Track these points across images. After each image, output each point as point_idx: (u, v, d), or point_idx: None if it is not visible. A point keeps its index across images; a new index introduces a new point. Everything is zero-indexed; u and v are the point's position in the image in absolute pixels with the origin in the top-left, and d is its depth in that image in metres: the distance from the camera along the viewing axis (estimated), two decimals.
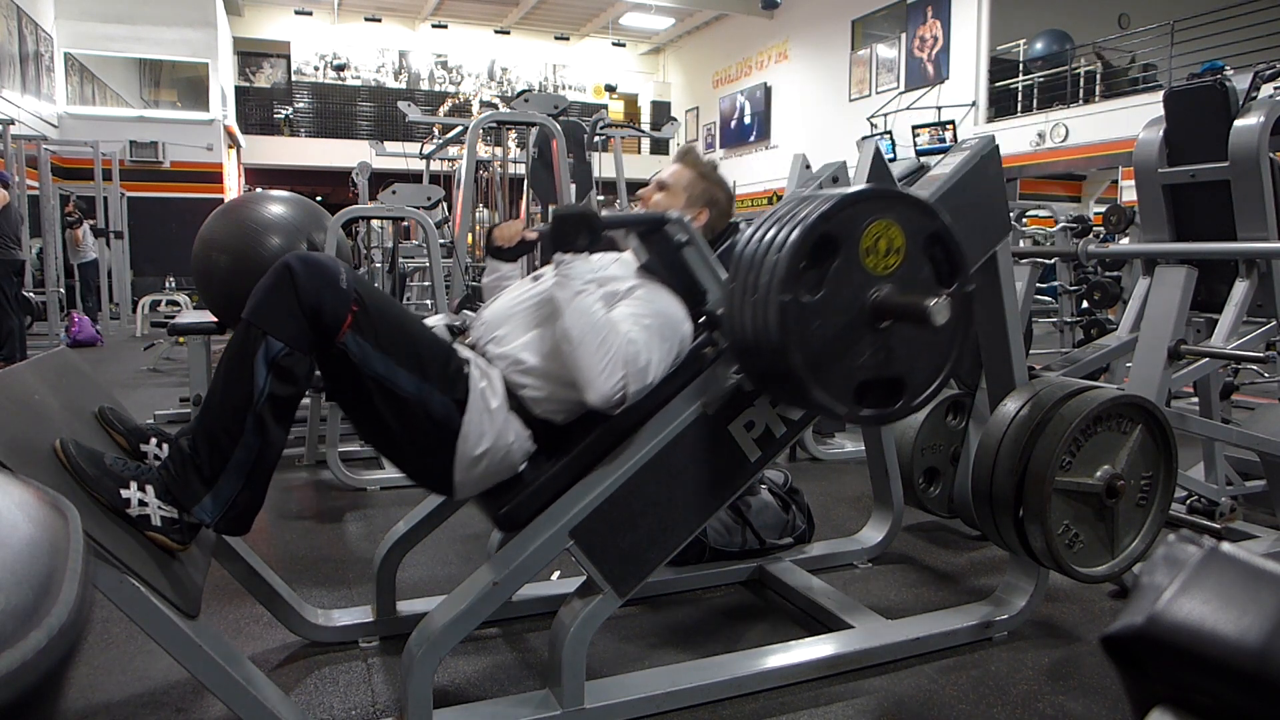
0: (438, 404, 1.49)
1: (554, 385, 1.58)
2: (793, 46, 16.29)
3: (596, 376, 1.49)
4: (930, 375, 1.53)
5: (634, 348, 1.52)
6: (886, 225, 1.44)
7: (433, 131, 8.29)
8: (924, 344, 1.50)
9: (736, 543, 2.40)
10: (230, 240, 3.04)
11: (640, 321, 1.57)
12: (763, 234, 1.47)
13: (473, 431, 1.51)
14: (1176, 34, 9.91)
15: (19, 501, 0.41)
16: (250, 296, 1.43)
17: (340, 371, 1.46)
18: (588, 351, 1.49)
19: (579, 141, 5.27)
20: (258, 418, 1.40)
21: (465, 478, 1.54)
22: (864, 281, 1.44)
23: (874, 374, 1.47)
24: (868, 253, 1.44)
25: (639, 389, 1.53)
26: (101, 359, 7.41)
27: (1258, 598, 0.40)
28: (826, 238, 1.41)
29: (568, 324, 1.51)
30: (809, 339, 1.41)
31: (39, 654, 0.35)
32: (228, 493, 1.41)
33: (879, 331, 1.46)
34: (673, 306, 1.65)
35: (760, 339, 1.43)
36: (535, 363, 1.59)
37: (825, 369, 1.43)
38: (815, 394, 1.42)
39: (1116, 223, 3.94)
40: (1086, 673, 1.83)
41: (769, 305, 1.39)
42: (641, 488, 1.57)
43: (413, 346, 1.50)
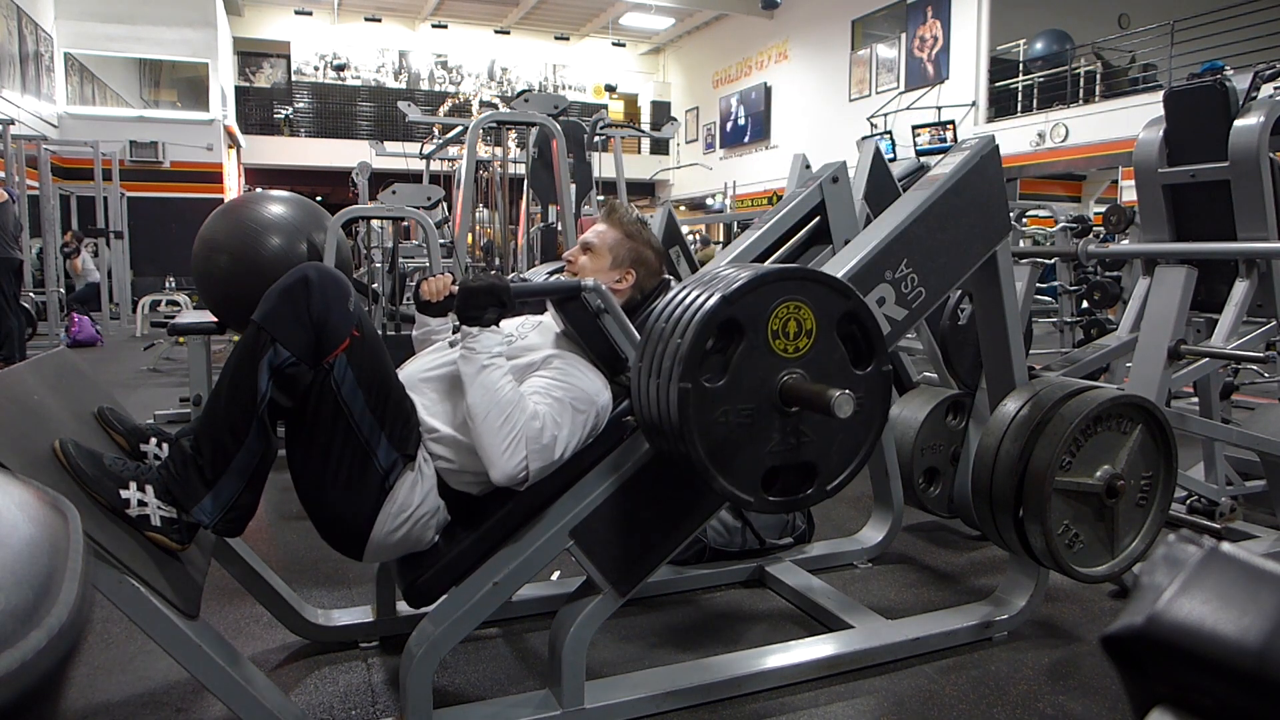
0: (384, 455, 1.47)
1: (467, 457, 1.55)
2: (793, 46, 16.29)
3: (499, 455, 1.46)
4: (844, 460, 1.47)
5: (537, 424, 1.48)
6: (796, 306, 1.39)
7: (433, 131, 8.30)
8: (837, 428, 1.43)
9: (736, 543, 2.40)
10: (230, 240, 3.04)
11: (551, 394, 1.54)
12: (674, 309, 1.41)
13: (403, 495, 1.50)
14: (1176, 34, 9.91)
15: (19, 501, 0.41)
16: (263, 299, 1.44)
17: (312, 391, 1.45)
18: (490, 429, 1.46)
19: (579, 141, 5.27)
20: (260, 422, 1.41)
21: (381, 540, 1.51)
22: (772, 365, 1.38)
23: (783, 460, 1.42)
24: (776, 335, 1.38)
25: (541, 467, 1.50)
26: (101, 359, 7.41)
27: (1258, 598, 0.40)
28: (731, 322, 1.35)
29: (471, 400, 1.49)
30: (712, 426, 1.35)
31: (39, 654, 0.35)
32: (228, 494, 1.41)
33: (788, 416, 1.40)
34: (588, 378, 1.61)
35: (663, 422, 1.38)
36: (448, 433, 1.57)
37: (729, 457, 1.37)
38: (718, 483, 1.37)
39: (1116, 223, 3.93)
40: (1086, 673, 1.83)
41: (670, 390, 1.34)
42: (642, 488, 1.57)
43: (386, 393, 1.49)
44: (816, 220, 2.06)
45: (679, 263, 3.85)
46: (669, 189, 18.13)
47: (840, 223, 2.03)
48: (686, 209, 18.61)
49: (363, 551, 1.54)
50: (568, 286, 1.63)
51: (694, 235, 14.12)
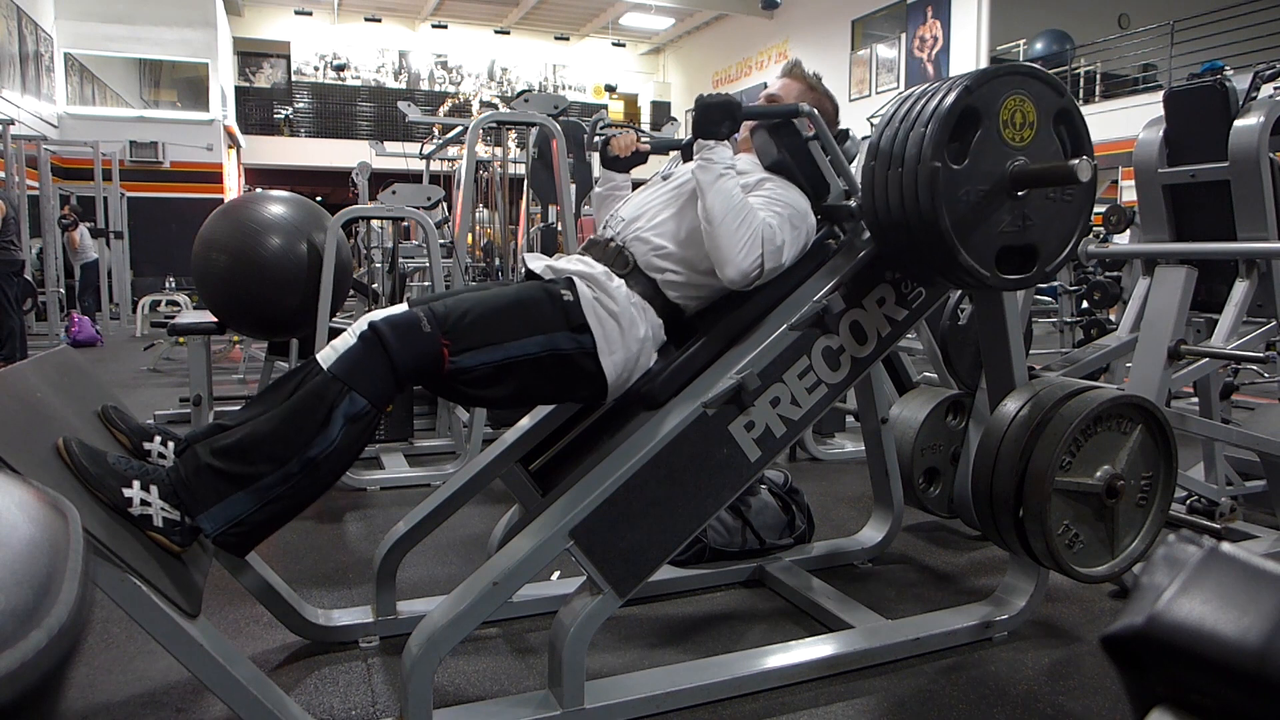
0: (565, 342, 1.59)
1: (691, 271, 1.70)
2: (793, 46, 16.28)
3: (736, 253, 1.59)
4: (1061, 243, 1.65)
5: (770, 229, 1.63)
6: (1021, 100, 1.56)
7: (433, 131, 8.29)
8: (1056, 214, 1.63)
9: (736, 543, 2.40)
10: (230, 240, 3.04)
11: (772, 208, 1.69)
12: (902, 114, 1.58)
13: (605, 344, 1.61)
14: (1176, 34, 9.91)
15: (19, 501, 0.41)
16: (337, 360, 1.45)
17: (467, 385, 1.54)
18: (728, 229, 1.59)
19: (579, 141, 5.26)
20: (312, 463, 1.41)
21: (615, 382, 1.64)
22: (1003, 152, 1.56)
23: (1012, 240, 1.60)
24: (1005, 125, 1.55)
25: (774, 267, 1.64)
26: (101, 359, 7.41)
27: (1258, 598, 0.40)
28: (970, 110, 1.51)
29: (710, 203, 1.61)
30: (956, 204, 1.52)
31: (39, 654, 0.35)
32: (241, 509, 1.40)
33: (1017, 200, 1.58)
34: (799, 198, 1.75)
35: (907, 209, 1.54)
36: (674, 248, 1.70)
37: (970, 234, 1.54)
38: (962, 257, 1.53)
39: (1116, 223, 3.93)
40: (1086, 673, 1.83)
41: (919, 174, 1.50)
42: (642, 488, 1.57)
43: (511, 317, 1.57)
44: None
45: None
46: None
47: None
48: None
49: (608, 396, 1.68)
50: (788, 108, 1.80)
51: None
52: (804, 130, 1.79)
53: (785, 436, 1.70)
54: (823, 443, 3.95)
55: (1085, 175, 1.48)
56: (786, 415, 1.69)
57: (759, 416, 1.66)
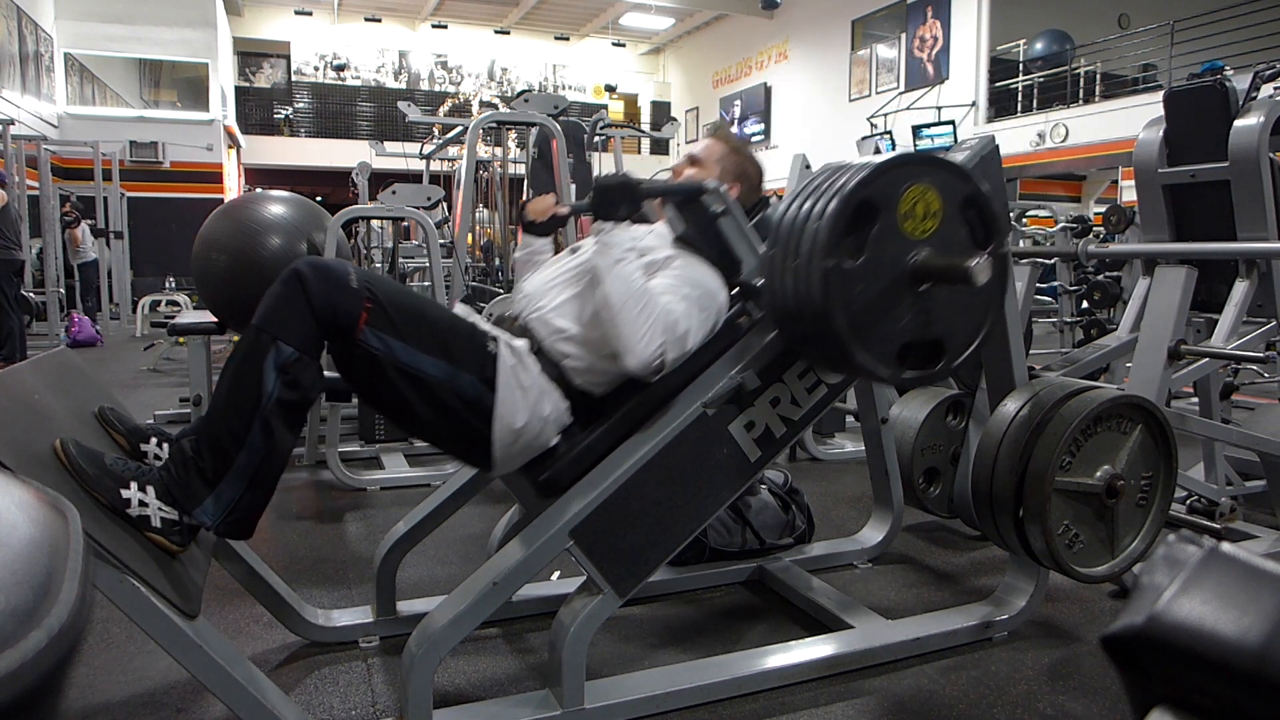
0: (467, 385, 1.51)
1: (595, 355, 1.61)
2: (793, 46, 16.29)
3: (636, 343, 1.52)
4: (969, 337, 1.58)
5: (672, 315, 1.56)
6: (924, 190, 1.48)
7: (433, 131, 8.29)
8: (962, 306, 1.55)
9: (736, 543, 2.40)
10: (230, 240, 3.04)
11: (678, 290, 1.61)
12: (802, 202, 1.50)
13: (507, 410, 1.53)
14: (1176, 34, 9.91)
15: (19, 501, 0.41)
16: (260, 303, 1.44)
17: (362, 367, 1.48)
18: (628, 318, 1.53)
19: (579, 141, 5.26)
20: (264, 422, 1.40)
21: (504, 454, 1.56)
22: (903, 245, 1.48)
23: (915, 336, 1.52)
24: (906, 217, 1.48)
25: (677, 356, 1.58)
26: (101, 359, 7.41)
27: (1258, 598, 0.40)
28: (866, 204, 1.45)
29: (608, 290, 1.54)
30: (851, 303, 1.45)
31: (39, 654, 0.35)
32: (229, 496, 1.41)
33: (919, 294, 1.50)
34: (709, 277, 1.68)
35: (803, 304, 1.47)
36: (577, 331, 1.63)
37: (867, 332, 1.48)
38: (858, 356, 1.47)
39: (1116, 223, 3.94)
40: (1086, 673, 1.83)
41: (811, 272, 1.43)
42: (642, 488, 1.57)
43: (435, 331, 1.52)
44: None
45: None
46: None
47: None
48: None
49: (493, 467, 1.60)
50: (692, 187, 1.70)
51: None
52: (713, 205, 1.68)
53: (785, 437, 1.70)
54: (823, 443, 3.95)
55: (982, 277, 1.38)
56: (786, 415, 1.69)
57: (759, 416, 1.66)
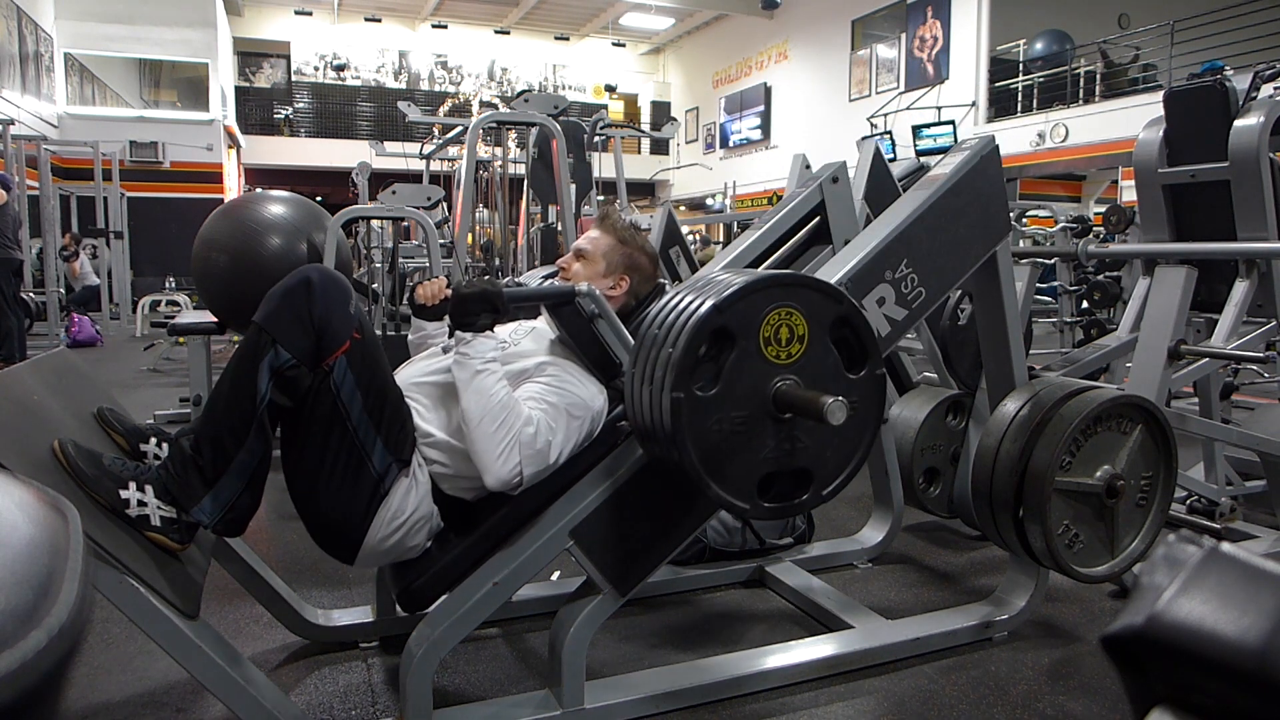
0: (379, 459, 1.47)
1: (461, 462, 1.55)
2: (793, 46, 16.29)
3: (494, 460, 1.46)
4: (840, 465, 1.47)
5: (531, 429, 1.48)
6: (788, 312, 1.39)
7: (433, 131, 8.30)
8: (832, 433, 1.43)
9: (736, 543, 2.40)
10: (230, 240, 3.04)
11: (546, 400, 1.54)
12: (666, 316, 1.42)
13: (397, 500, 1.50)
14: (1176, 34, 9.91)
15: (19, 501, 0.41)
16: (265, 300, 1.44)
17: (311, 392, 1.45)
18: (484, 434, 1.46)
19: (579, 141, 5.27)
20: (260, 423, 1.41)
21: (374, 546, 1.51)
22: (765, 372, 1.38)
23: (779, 466, 1.42)
24: (768, 342, 1.38)
25: (535, 472, 1.50)
26: (101, 359, 7.41)
27: (1258, 598, 0.40)
28: (722, 330, 1.35)
29: (465, 405, 1.48)
30: (705, 434, 1.35)
31: (39, 654, 0.35)
32: (228, 494, 1.41)
33: (782, 423, 1.40)
34: (583, 384, 1.60)
35: (656, 430, 1.38)
36: (442, 438, 1.57)
37: (724, 464, 1.37)
38: (712, 490, 1.37)
39: (1116, 223, 3.94)
40: (1086, 673, 1.83)
41: (663, 399, 1.34)
42: (642, 488, 1.57)
43: (384, 397, 1.49)
44: (816, 220, 2.06)
45: (679, 263, 3.85)
46: (669, 189, 18.13)
47: (840, 223, 2.03)
48: (686, 209, 18.61)
49: (355, 556, 1.53)
50: (561, 292, 1.62)
51: (694, 235, 14.12)
52: (588, 307, 1.61)
53: None
54: None
55: (837, 418, 1.29)
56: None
57: None
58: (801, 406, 1.36)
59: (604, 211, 1.86)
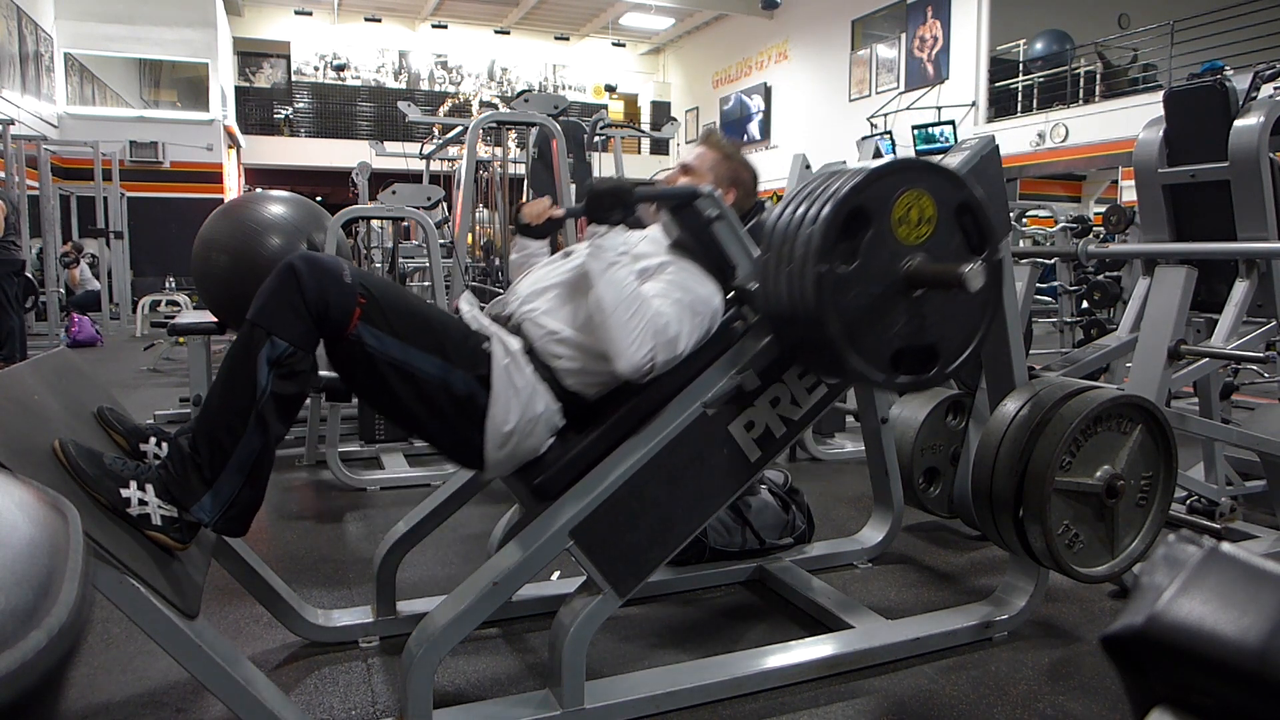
0: (459, 382, 1.52)
1: (587, 358, 1.61)
2: (793, 46, 16.28)
3: (627, 347, 1.53)
4: (963, 342, 1.57)
5: (663, 319, 1.56)
6: (918, 195, 1.48)
7: (433, 131, 8.29)
8: (957, 312, 1.54)
9: (736, 543, 2.40)
10: (230, 240, 3.04)
11: (670, 295, 1.62)
12: (795, 208, 1.51)
13: (499, 409, 1.53)
14: (1176, 34, 9.91)
15: (19, 501, 0.41)
16: (254, 298, 1.44)
17: (356, 363, 1.48)
18: (619, 322, 1.53)
19: (579, 141, 5.26)
20: (260, 417, 1.41)
21: (496, 455, 1.56)
22: (897, 251, 1.48)
23: (908, 342, 1.51)
24: (900, 223, 1.47)
25: (667, 359, 1.57)
26: (101, 359, 7.41)
27: (1258, 598, 0.40)
28: (859, 210, 1.44)
29: (600, 294, 1.55)
30: (844, 308, 1.45)
31: (39, 654, 0.35)
32: (228, 492, 1.41)
33: (913, 300, 1.50)
34: (703, 282, 1.68)
35: (796, 309, 1.47)
36: (569, 334, 1.63)
37: (861, 337, 1.47)
38: (851, 361, 1.46)
39: (1116, 223, 3.94)
40: (1086, 673, 1.83)
41: (805, 277, 1.43)
42: (642, 488, 1.57)
43: (428, 329, 1.52)
44: None
45: None
46: None
47: None
48: None
49: (484, 467, 1.60)
50: (685, 193, 1.69)
51: None
52: (708, 210, 1.68)
53: (785, 437, 1.70)
54: (823, 443, 3.95)
55: (975, 284, 1.38)
56: (786, 415, 1.69)
57: (759, 417, 1.66)
58: (937, 278, 1.46)
59: (708, 130, 1.96)
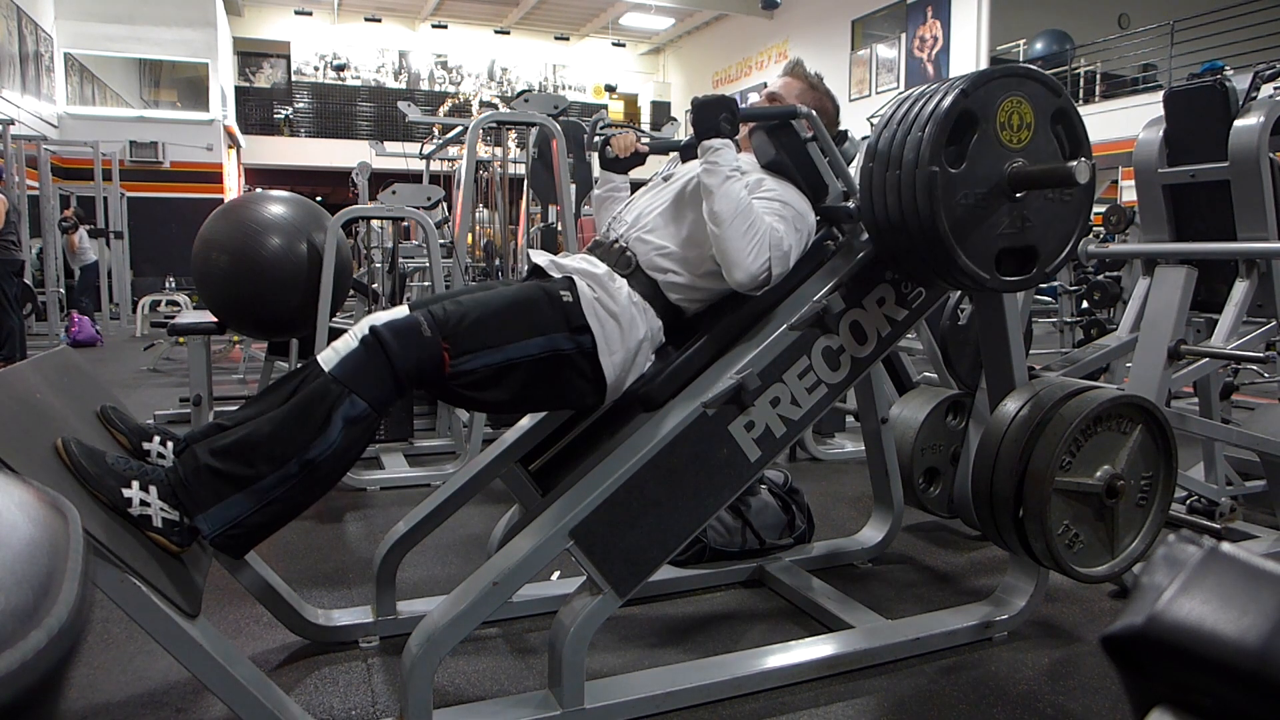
0: (564, 342, 1.58)
1: (693, 273, 1.69)
2: (793, 46, 16.28)
3: (745, 257, 1.58)
4: (1061, 243, 1.66)
5: (777, 233, 1.63)
6: (1018, 102, 1.56)
7: (433, 131, 8.29)
8: (1055, 214, 1.63)
9: (736, 543, 2.40)
10: (230, 240, 3.04)
11: (774, 211, 1.68)
12: (900, 116, 1.58)
13: (605, 345, 1.61)
14: (1176, 34, 9.91)
15: (19, 501, 0.41)
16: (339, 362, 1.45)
17: (467, 389, 1.53)
18: (737, 233, 1.59)
19: (579, 141, 5.26)
20: (312, 465, 1.41)
21: (614, 383, 1.64)
22: (1001, 154, 1.56)
23: (1011, 243, 1.60)
24: (1003, 127, 1.55)
25: (781, 271, 1.65)
26: (101, 359, 7.41)
27: (1258, 598, 0.40)
28: (966, 113, 1.52)
29: (717, 207, 1.61)
30: (954, 208, 1.52)
31: (39, 654, 0.35)
32: (237, 512, 1.40)
33: (1015, 202, 1.58)
34: (799, 199, 1.75)
35: (906, 213, 1.54)
36: (676, 249, 1.70)
37: (969, 237, 1.54)
38: (961, 260, 1.53)
39: (1116, 223, 3.94)
40: (1086, 673, 1.83)
41: (917, 178, 1.50)
42: (642, 488, 1.57)
43: (510, 318, 1.56)
44: None
45: None
46: None
47: None
48: None
49: (606, 399, 1.68)
50: (784, 111, 1.78)
51: None
52: (802, 131, 1.78)
53: (785, 436, 1.70)
54: (823, 443, 3.95)
55: (1084, 177, 1.48)
56: (786, 415, 1.69)
57: (759, 416, 1.66)
58: (1044, 177, 1.54)
59: (793, 61, 2.03)
